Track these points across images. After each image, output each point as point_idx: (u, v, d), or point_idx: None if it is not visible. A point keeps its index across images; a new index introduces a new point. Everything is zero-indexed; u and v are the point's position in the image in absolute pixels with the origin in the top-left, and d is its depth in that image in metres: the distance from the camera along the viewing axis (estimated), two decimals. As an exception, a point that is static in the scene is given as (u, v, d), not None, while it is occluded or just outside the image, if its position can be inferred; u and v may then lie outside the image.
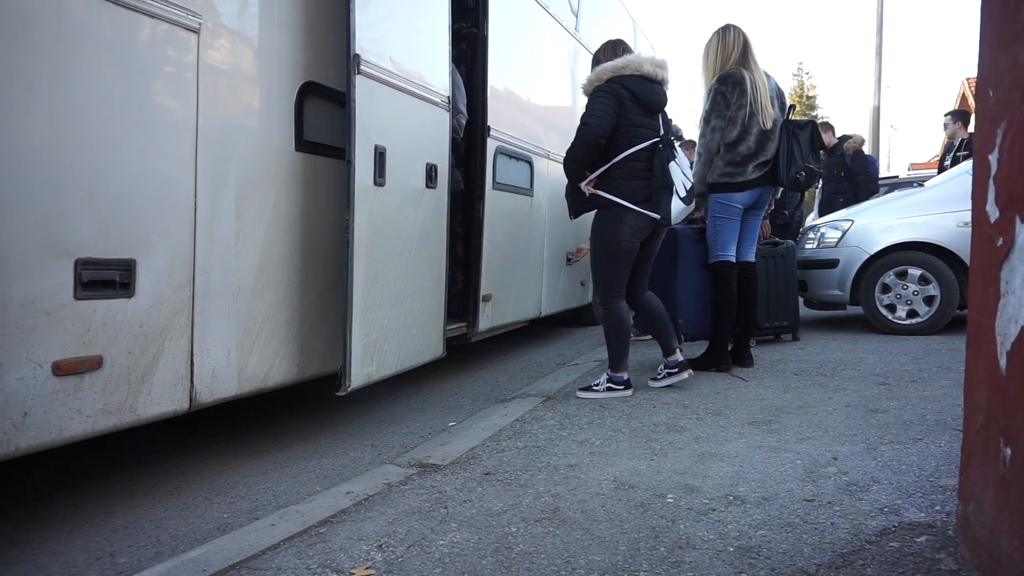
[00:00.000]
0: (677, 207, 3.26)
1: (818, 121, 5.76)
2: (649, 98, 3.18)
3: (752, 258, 3.97)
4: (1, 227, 1.73)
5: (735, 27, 3.80)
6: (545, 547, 1.70)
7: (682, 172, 3.26)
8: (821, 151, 4.00)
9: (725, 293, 3.83)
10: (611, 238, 3.20)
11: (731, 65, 3.71)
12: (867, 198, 6.75)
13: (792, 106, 4.08)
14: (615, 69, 3.16)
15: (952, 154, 7.16)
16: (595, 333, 6.03)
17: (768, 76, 3.80)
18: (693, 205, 3.54)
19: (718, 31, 3.81)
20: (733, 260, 3.83)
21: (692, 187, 3.36)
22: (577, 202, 3.31)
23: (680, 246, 4.07)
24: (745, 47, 3.73)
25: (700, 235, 4.04)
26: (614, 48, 3.32)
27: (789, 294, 4.81)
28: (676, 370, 3.41)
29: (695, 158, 3.90)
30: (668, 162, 3.17)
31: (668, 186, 3.15)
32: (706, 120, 3.75)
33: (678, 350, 3.44)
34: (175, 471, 2.58)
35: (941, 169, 7.43)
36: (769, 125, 3.71)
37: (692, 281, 4.05)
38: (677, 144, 3.37)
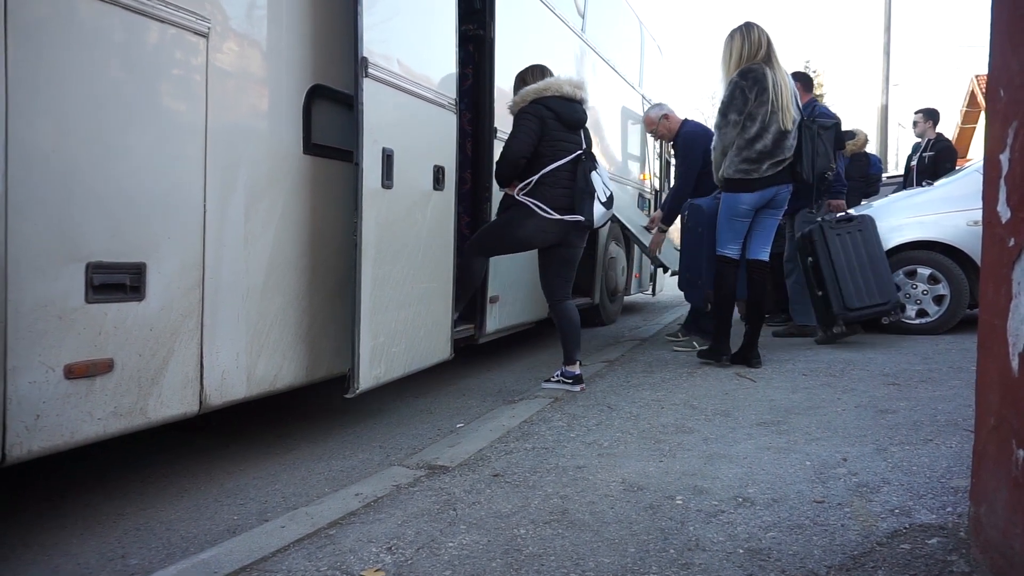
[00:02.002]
0: (599, 211, 3.54)
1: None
2: (569, 116, 3.46)
3: (765, 257, 3.93)
4: (13, 232, 1.74)
5: (759, 26, 3.75)
6: (554, 549, 1.70)
7: (602, 180, 3.55)
8: (839, 151, 4.04)
9: (720, 288, 3.88)
10: (514, 225, 3.47)
11: (753, 63, 3.67)
12: (857, 203, 6.67)
13: (814, 106, 4.08)
14: (537, 91, 3.44)
15: (919, 153, 7.07)
16: (603, 334, 6.03)
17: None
18: (613, 209, 3.69)
19: (742, 28, 3.76)
20: (734, 258, 3.84)
21: (611, 194, 3.61)
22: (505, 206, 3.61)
23: (711, 218, 4.05)
24: (769, 47, 3.70)
25: None
26: (542, 71, 3.61)
27: (880, 270, 4.43)
28: (571, 382, 3.55)
29: (711, 151, 3.89)
30: (590, 172, 3.49)
31: (590, 192, 3.47)
32: (723, 113, 3.72)
33: (578, 363, 3.59)
34: (185, 473, 2.59)
35: (908, 168, 7.33)
36: (789, 126, 3.67)
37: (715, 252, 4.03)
38: None
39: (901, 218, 5.09)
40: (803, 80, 4.99)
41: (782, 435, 2.59)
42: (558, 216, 3.41)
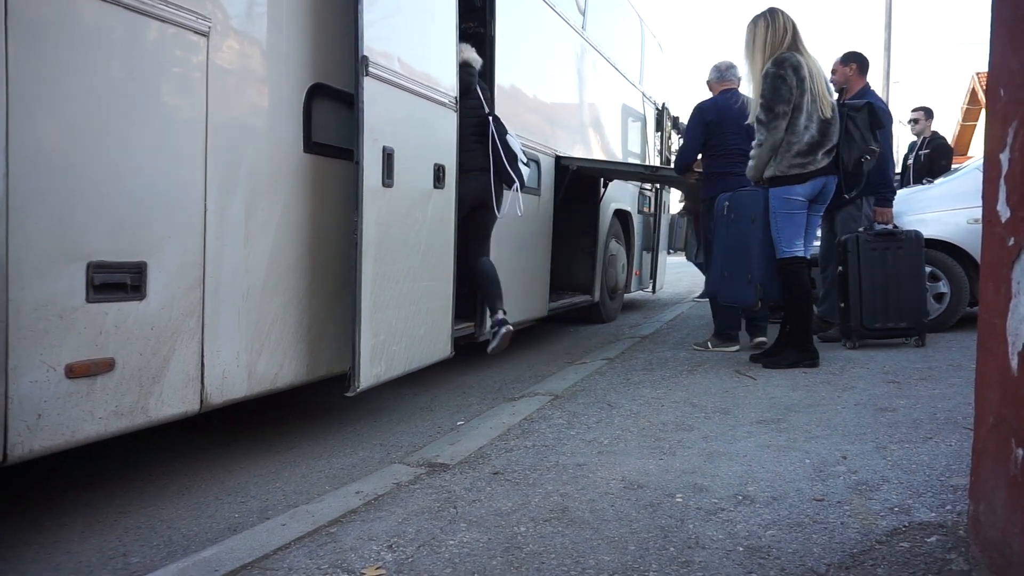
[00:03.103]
0: (525, 171, 3.75)
1: None
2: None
3: (807, 254, 3.82)
4: (15, 231, 1.75)
5: (782, 11, 3.63)
6: (554, 547, 1.70)
7: (517, 144, 3.73)
8: (877, 131, 3.85)
9: (800, 288, 3.71)
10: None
11: (783, 50, 3.55)
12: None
13: (842, 89, 3.97)
14: None
15: (915, 151, 7.02)
16: (603, 332, 6.04)
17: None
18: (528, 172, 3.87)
19: (764, 15, 3.64)
20: (803, 256, 3.70)
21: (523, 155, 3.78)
22: None
23: (764, 207, 3.82)
24: (795, 32, 3.58)
25: None
26: None
27: (912, 291, 4.26)
28: (498, 328, 3.76)
29: (754, 148, 3.67)
30: (505, 135, 3.64)
31: (513, 156, 3.65)
32: (769, 108, 3.53)
33: (501, 311, 3.80)
34: (186, 471, 2.59)
35: (905, 167, 7.28)
36: (829, 113, 3.57)
37: (770, 244, 3.83)
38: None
39: (902, 216, 5.08)
40: (859, 61, 4.63)
41: (782, 433, 2.59)
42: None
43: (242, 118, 2.46)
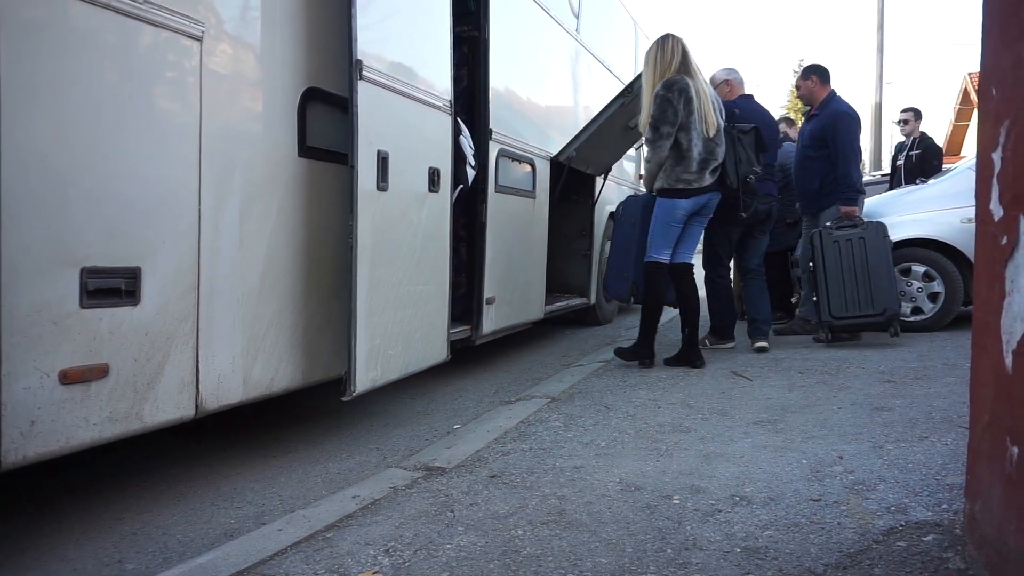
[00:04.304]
0: (471, 174, 3.76)
1: (784, 116, 5.89)
2: None
3: (690, 260, 4.05)
4: (8, 236, 1.74)
5: (674, 36, 3.90)
6: (552, 550, 1.70)
7: (468, 144, 3.73)
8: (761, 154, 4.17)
9: (652, 291, 3.94)
10: None
11: (672, 73, 3.78)
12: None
13: (734, 112, 4.11)
14: None
15: (906, 152, 7.00)
16: (599, 333, 6.03)
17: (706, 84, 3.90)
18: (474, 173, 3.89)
19: (657, 41, 3.92)
20: (665, 262, 3.91)
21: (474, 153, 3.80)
22: None
23: (646, 211, 4.09)
24: (684, 55, 3.82)
25: None
26: None
27: (879, 280, 4.33)
28: None
29: (645, 162, 3.97)
30: (459, 135, 3.62)
31: (462, 158, 3.66)
32: (655, 127, 3.77)
33: None
34: (182, 477, 2.58)
35: (894, 168, 7.26)
36: (712, 133, 3.80)
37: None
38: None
39: (896, 216, 5.10)
40: (818, 73, 4.89)
41: (779, 434, 2.60)
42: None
43: (236, 123, 2.46)
